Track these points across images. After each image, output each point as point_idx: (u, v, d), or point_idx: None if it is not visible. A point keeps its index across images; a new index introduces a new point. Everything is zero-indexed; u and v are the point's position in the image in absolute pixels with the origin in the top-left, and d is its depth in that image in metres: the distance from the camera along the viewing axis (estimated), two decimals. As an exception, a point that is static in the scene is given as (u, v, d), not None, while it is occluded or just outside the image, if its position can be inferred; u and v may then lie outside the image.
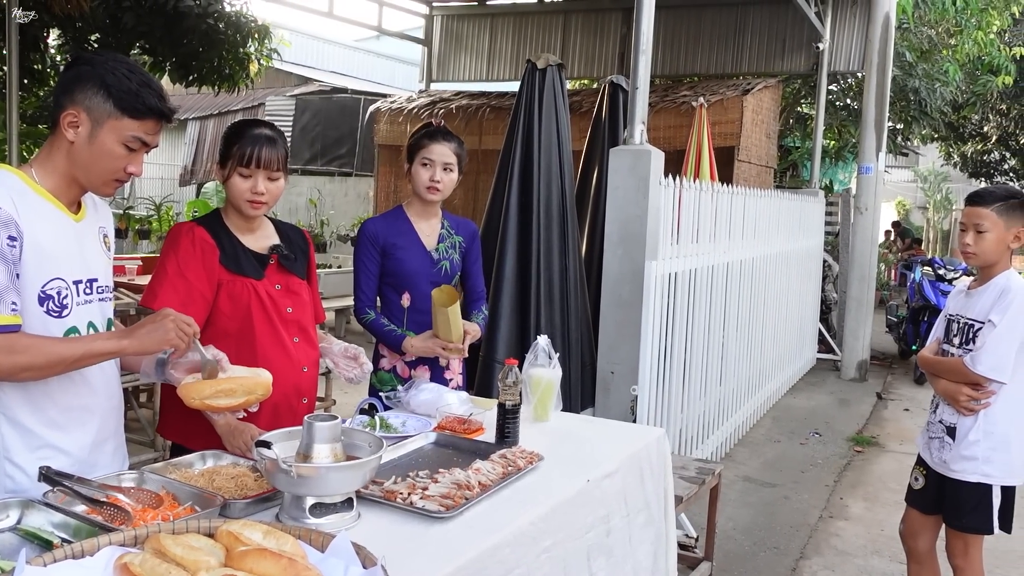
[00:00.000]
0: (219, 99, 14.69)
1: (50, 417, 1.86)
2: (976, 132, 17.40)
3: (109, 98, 1.80)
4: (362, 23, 10.43)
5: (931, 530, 3.15)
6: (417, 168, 2.98)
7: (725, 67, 9.96)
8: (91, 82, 1.81)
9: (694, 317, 5.10)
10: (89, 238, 1.96)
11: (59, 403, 1.86)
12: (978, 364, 2.84)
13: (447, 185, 3.01)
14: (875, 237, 8.86)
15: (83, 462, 1.90)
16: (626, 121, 4.39)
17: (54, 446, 1.86)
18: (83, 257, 1.92)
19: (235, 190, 2.37)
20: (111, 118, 1.81)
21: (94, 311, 1.95)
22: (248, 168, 2.35)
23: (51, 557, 1.32)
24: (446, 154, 2.97)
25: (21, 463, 1.81)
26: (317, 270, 2.73)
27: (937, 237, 22.93)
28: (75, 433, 1.90)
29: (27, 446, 1.82)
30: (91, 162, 1.84)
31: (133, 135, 1.84)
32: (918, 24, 11.28)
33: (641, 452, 2.49)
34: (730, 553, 4.21)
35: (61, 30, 8.15)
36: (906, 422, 7.05)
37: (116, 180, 1.89)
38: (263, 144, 2.36)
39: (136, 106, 1.82)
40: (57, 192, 1.87)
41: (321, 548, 1.45)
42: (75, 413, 1.90)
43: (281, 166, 2.40)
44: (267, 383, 2.03)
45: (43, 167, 1.87)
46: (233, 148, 2.36)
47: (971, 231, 2.92)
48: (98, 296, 1.97)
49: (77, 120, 1.82)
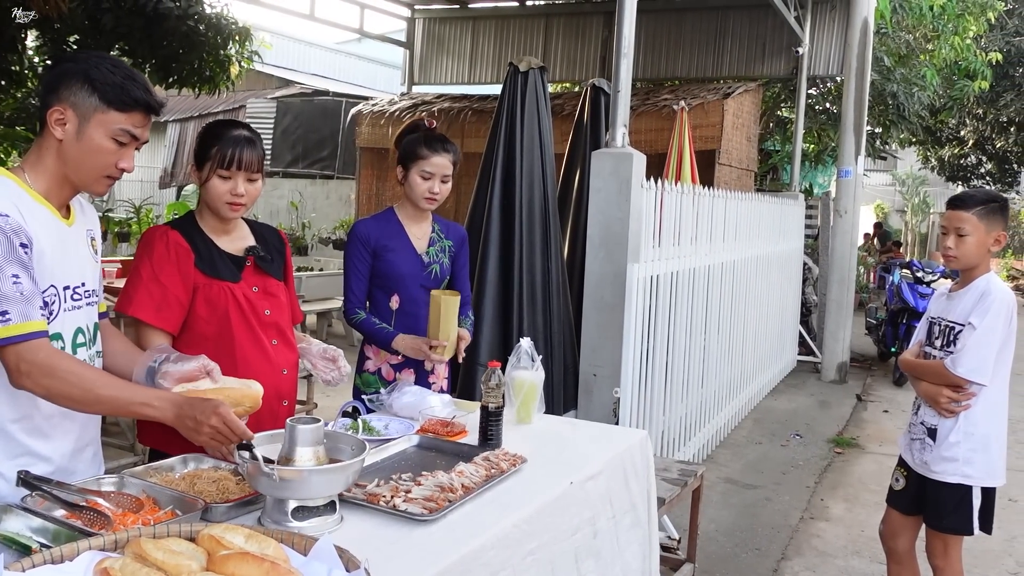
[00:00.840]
0: (199, 101, 14.61)
1: (35, 424, 1.84)
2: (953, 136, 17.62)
3: (94, 92, 1.80)
4: (344, 26, 10.41)
5: (911, 530, 3.17)
6: (416, 178, 2.96)
7: (706, 71, 10.02)
8: (76, 78, 1.80)
9: (676, 319, 5.12)
10: (79, 242, 1.95)
11: (44, 411, 1.84)
12: (958, 366, 2.87)
13: (443, 195, 3.01)
14: (854, 240, 8.93)
15: (63, 469, 1.88)
16: (608, 124, 4.41)
17: (35, 453, 1.84)
18: (73, 261, 1.91)
19: (214, 192, 2.35)
20: (97, 112, 1.81)
21: (81, 316, 1.93)
22: (228, 170, 2.32)
23: (30, 562, 1.31)
24: (445, 166, 2.97)
25: (2, 470, 1.79)
26: (299, 273, 2.72)
27: (915, 240, 23.17)
28: (57, 441, 1.89)
29: (7, 453, 1.81)
30: (81, 159, 1.83)
31: (121, 128, 1.83)
32: (896, 29, 11.39)
33: (624, 454, 2.50)
34: (712, 555, 4.23)
35: (39, 31, 8.06)
36: (885, 423, 7.10)
37: (108, 177, 1.88)
38: (243, 146, 2.33)
39: (122, 98, 1.82)
40: (49, 195, 1.86)
41: (304, 551, 1.44)
42: (57, 420, 1.88)
43: (259, 167, 2.38)
44: (256, 395, 2.01)
45: (34, 169, 1.85)
46: (212, 150, 2.33)
47: (952, 235, 2.94)
48: (86, 301, 1.96)
49: (64, 117, 1.81)
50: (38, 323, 1.73)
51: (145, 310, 2.29)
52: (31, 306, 1.72)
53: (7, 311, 1.68)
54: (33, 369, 1.70)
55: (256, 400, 2.00)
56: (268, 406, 2.40)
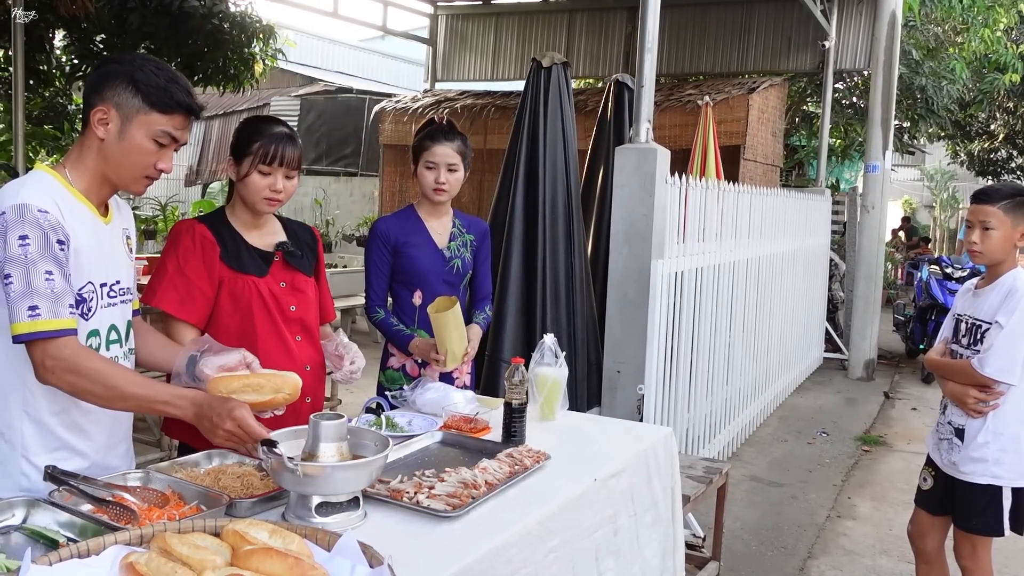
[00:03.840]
0: (224, 99, 14.71)
1: (72, 419, 1.87)
2: (983, 130, 17.33)
3: (138, 93, 1.83)
4: (367, 23, 10.43)
5: (940, 531, 3.13)
6: (422, 171, 2.98)
7: (731, 66, 9.94)
8: (120, 79, 1.83)
9: (700, 316, 5.08)
10: (115, 241, 1.98)
11: (82, 406, 1.87)
12: (986, 366, 2.81)
13: (453, 185, 3.00)
14: (882, 236, 8.83)
15: (97, 464, 1.91)
16: (631, 119, 4.38)
17: (71, 448, 1.87)
18: (109, 259, 1.94)
19: (253, 187, 2.36)
20: (140, 113, 1.83)
21: (116, 313, 1.97)
22: (270, 166, 2.34)
23: (57, 556, 1.32)
24: (449, 155, 2.96)
25: (38, 463, 1.81)
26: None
27: (943, 236, 22.85)
28: (93, 436, 1.92)
29: (45, 447, 1.84)
30: (121, 159, 1.86)
31: (162, 130, 1.85)
32: (924, 22, 11.24)
33: (648, 451, 2.48)
34: (737, 553, 4.19)
35: (66, 31, 8.16)
36: (914, 421, 7.02)
37: (146, 177, 1.90)
38: (285, 142, 2.36)
39: (165, 101, 1.84)
40: (88, 193, 1.89)
41: (327, 547, 1.44)
42: (95, 415, 1.90)
43: (299, 165, 2.40)
44: (296, 383, 1.99)
45: (75, 168, 1.88)
46: (254, 145, 2.34)
47: (977, 229, 2.89)
48: (120, 298, 1.99)
49: (107, 117, 1.84)
50: (67, 321, 1.74)
51: (169, 302, 2.32)
52: (61, 304, 1.74)
53: (37, 306, 1.70)
54: (57, 365, 1.72)
55: (295, 388, 1.99)
56: (296, 402, 2.40)
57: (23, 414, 1.82)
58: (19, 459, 1.81)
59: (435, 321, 2.80)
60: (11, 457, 1.82)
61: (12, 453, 1.82)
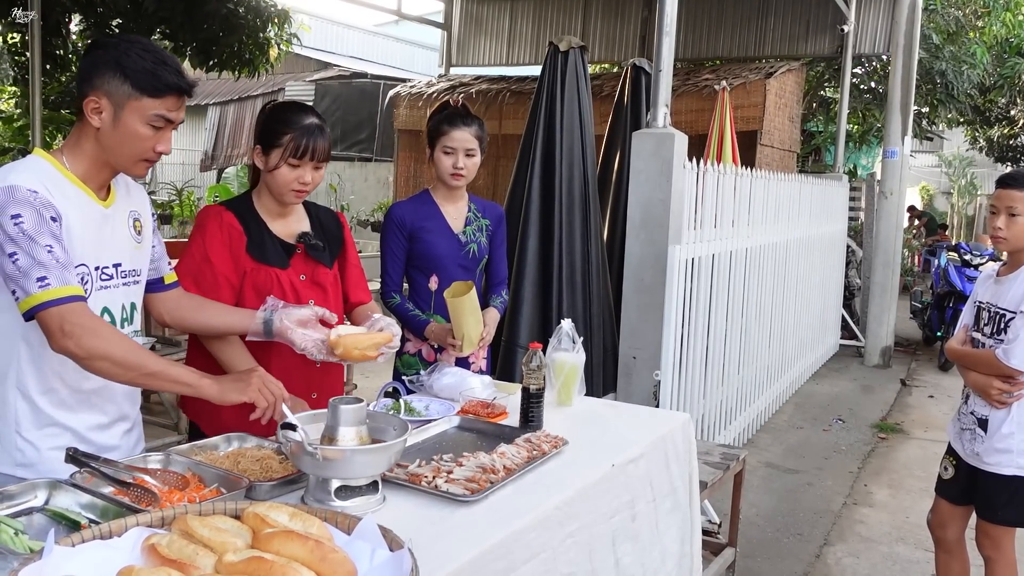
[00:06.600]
0: (239, 84, 14.73)
1: (60, 398, 1.89)
2: (1003, 116, 17.11)
3: (126, 80, 1.80)
4: (382, 7, 10.39)
5: (961, 520, 3.10)
6: (439, 155, 2.96)
7: (748, 50, 9.85)
8: (107, 66, 1.81)
9: (716, 302, 5.05)
10: (117, 223, 1.97)
11: (70, 385, 1.88)
12: (1011, 357, 2.77)
13: (471, 170, 2.99)
14: (900, 222, 8.76)
15: (89, 442, 1.91)
16: (648, 104, 4.35)
17: (61, 424, 1.89)
18: (107, 242, 1.93)
19: (281, 179, 2.34)
20: (131, 99, 1.82)
21: (115, 296, 1.96)
22: (300, 160, 2.32)
23: (79, 537, 1.32)
24: (467, 140, 2.94)
25: (31, 438, 1.86)
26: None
27: (961, 223, 22.65)
28: (83, 414, 1.92)
29: (35, 423, 1.87)
30: (119, 145, 1.85)
31: (156, 113, 1.84)
32: (945, 5, 11.11)
33: (666, 437, 2.47)
34: (753, 539, 4.19)
35: (82, 15, 8.18)
36: (931, 409, 6.98)
37: (145, 160, 1.90)
38: (317, 135, 2.33)
39: (154, 84, 1.82)
40: (87, 177, 1.88)
41: (347, 531, 1.44)
42: (85, 395, 1.92)
43: (328, 156, 2.38)
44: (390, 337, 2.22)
45: (73, 153, 1.88)
46: (284, 137, 2.31)
47: (1003, 214, 2.84)
48: (122, 280, 1.98)
49: (99, 106, 1.82)
50: (76, 288, 1.76)
51: (194, 288, 2.31)
52: (68, 272, 1.75)
53: (45, 276, 1.71)
54: (76, 329, 1.72)
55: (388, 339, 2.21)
56: (303, 397, 2.37)
57: (16, 391, 1.85)
58: (13, 434, 1.85)
59: (451, 306, 2.79)
60: (6, 432, 1.86)
61: (7, 428, 1.86)
